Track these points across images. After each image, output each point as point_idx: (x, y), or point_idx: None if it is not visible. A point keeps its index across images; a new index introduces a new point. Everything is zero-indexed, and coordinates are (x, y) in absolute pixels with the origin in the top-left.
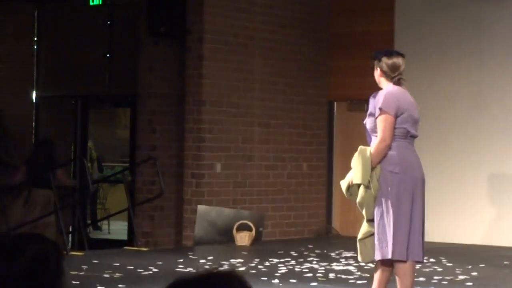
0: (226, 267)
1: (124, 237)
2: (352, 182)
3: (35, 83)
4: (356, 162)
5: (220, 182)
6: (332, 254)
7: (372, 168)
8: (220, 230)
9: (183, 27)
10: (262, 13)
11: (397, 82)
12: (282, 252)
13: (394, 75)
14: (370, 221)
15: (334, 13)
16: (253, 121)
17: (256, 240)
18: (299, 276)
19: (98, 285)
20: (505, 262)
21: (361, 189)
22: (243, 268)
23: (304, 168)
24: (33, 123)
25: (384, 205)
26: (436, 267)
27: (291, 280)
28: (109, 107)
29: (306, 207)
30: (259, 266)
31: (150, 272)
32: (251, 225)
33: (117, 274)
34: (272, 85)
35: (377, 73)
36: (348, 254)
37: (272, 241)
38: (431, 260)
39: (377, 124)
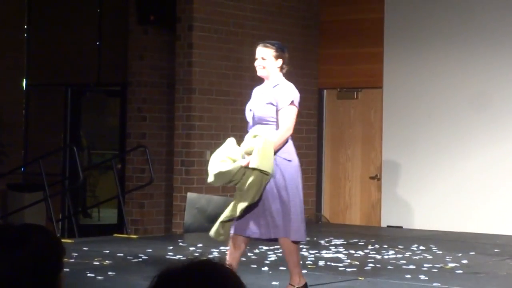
0: (216, 254)
1: (113, 223)
2: (248, 164)
3: (25, 71)
4: (266, 148)
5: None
6: (322, 242)
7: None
8: (209, 217)
9: (173, 15)
10: (252, 1)
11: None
12: None
13: (284, 70)
14: (250, 205)
15: (324, 1)
16: (242, 109)
17: None
18: None
19: (88, 272)
20: (496, 250)
21: (258, 173)
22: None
23: None
24: (24, 111)
25: (281, 190)
26: (426, 255)
27: (280, 268)
28: (99, 95)
29: None
30: (249, 254)
31: (140, 259)
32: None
33: (107, 261)
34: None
35: (276, 62)
36: (338, 242)
37: None
38: (421, 247)
39: (284, 114)
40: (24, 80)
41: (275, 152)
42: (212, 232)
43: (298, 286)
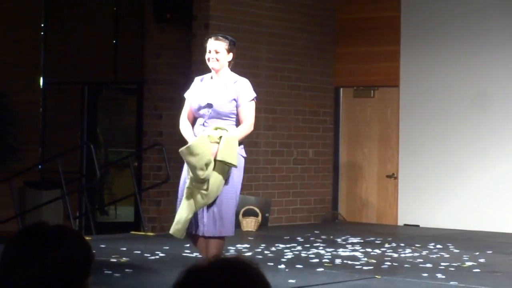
0: (232, 252)
1: (130, 221)
2: (216, 156)
3: (42, 69)
4: (232, 142)
5: None
6: (338, 240)
7: None
8: None
9: (189, 13)
10: None
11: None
12: (288, 237)
13: (231, 64)
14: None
15: None
16: (259, 108)
17: (262, 225)
18: (305, 261)
19: (105, 269)
20: None
21: (221, 167)
22: (249, 254)
23: (310, 154)
24: (41, 109)
25: (236, 186)
26: (443, 254)
27: (297, 266)
28: (116, 93)
29: (312, 193)
30: (265, 252)
31: (157, 256)
32: (257, 210)
33: (124, 258)
34: (278, 72)
35: (228, 56)
36: (355, 240)
37: (278, 227)
38: (438, 246)
39: (247, 110)
40: (41, 78)
41: None
42: (172, 230)
43: None
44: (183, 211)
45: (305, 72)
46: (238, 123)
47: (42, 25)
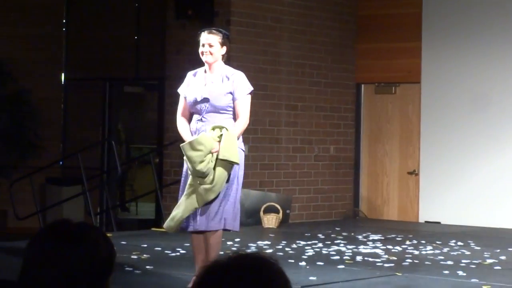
0: (253, 249)
1: (151, 217)
2: (218, 155)
3: (64, 66)
4: (232, 140)
5: (247, 164)
6: (359, 237)
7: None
8: (247, 212)
9: (211, 9)
10: None
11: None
12: (309, 234)
13: (225, 58)
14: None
15: None
16: (280, 104)
17: (283, 222)
18: (326, 258)
19: (126, 266)
20: None
21: (225, 165)
22: (270, 250)
23: (331, 151)
24: (62, 105)
25: (238, 181)
26: (464, 251)
27: (318, 263)
28: (137, 89)
29: (333, 189)
30: (286, 249)
31: (178, 253)
32: (278, 207)
33: (145, 255)
34: (299, 68)
35: (222, 49)
36: (376, 237)
37: (299, 224)
38: (459, 243)
39: (243, 105)
40: (63, 74)
41: None
42: (166, 225)
43: None
44: (179, 208)
45: (326, 69)
46: (235, 116)
47: (64, 21)
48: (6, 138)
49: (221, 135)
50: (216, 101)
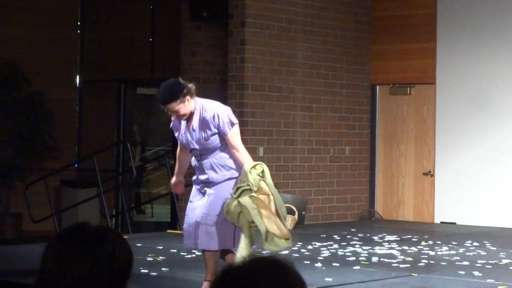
0: (268, 251)
1: (167, 220)
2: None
3: (79, 68)
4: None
5: None
6: (375, 238)
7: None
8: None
9: (226, 11)
10: None
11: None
12: (324, 235)
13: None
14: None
15: None
16: (295, 105)
17: (299, 223)
18: (342, 259)
19: (141, 268)
20: None
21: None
22: (285, 252)
23: (346, 152)
24: (77, 108)
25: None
26: (479, 251)
27: (334, 264)
28: (151, 91)
29: (348, 190)
30: (302, 250)
31: (193, 255)
32: (294, 208)
33: (160, 257)
34: (314, 69)
35: (187, 103)
36: (391, 238)
37: (314, 225)
38: (475, 244)
39: (234, 137)
40: (78, 76)
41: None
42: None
43: None
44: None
45: (341, 70)
46: (225, 143)
47: (79, 23)
48: (22, 141)
49: (262, 170)
50: (205, 146)
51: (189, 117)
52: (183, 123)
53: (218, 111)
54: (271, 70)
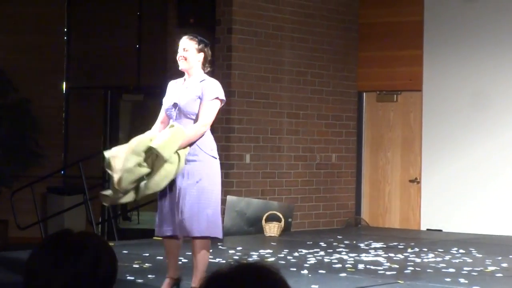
0: (255, 257)
1: (153, 227)
2: (156, 149)
3: (65, 74)
4: (174, 136)
5: (249, 173)
6: (361, 245)
7: (179, 148)
8: (249, 220)
9: (213, 18)
10: (291, 4)
11: (207, 74)
12: (311, 243)
13: (206, 67)
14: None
15: (363, 3)
16: (282, 112)
17: (285, 231)
18: (328, 267)
19: (127, 275)
20: None
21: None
22: (272, 259)
23: (333, 159)
24: (63, 114)
25: (206, 186)
26: (466, 258)
27: (320, 271)
28: (136, 97)
29: (335, 198)
30: (288, 257)
31: (179, 262)
32: (280, 216)
33: (146, 264)
34: (301, 76)
35: (198, 56)
36: (377, 245)
37: (301, 232)
38: (461, 251)
39: (206, 109)
40: (64, 83)
41: (191, 145)
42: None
43: None
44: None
45: (328, 77)
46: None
47: (65, 30)
48: (8, 147)
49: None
50: (184, 107)
51: (189, 77)
52: (179, 83)
53: (211, 81)
54: (258, 77)
